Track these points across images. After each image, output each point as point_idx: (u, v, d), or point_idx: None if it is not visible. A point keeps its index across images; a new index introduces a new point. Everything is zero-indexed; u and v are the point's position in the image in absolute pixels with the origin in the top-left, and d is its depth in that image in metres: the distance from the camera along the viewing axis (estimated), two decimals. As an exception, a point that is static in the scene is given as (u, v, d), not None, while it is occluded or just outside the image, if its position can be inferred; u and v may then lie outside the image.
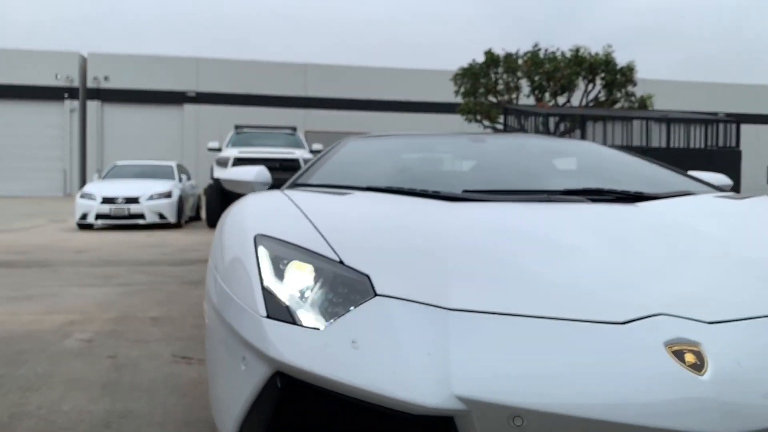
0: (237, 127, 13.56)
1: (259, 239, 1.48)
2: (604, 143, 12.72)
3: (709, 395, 1.05)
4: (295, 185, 2.32)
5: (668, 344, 1.13)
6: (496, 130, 18.09)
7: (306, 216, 1.63)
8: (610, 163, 2.71)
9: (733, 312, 1.23)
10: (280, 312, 1.27)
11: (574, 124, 15.36)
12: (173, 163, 13.13)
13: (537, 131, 13.59)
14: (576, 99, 17.63)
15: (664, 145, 12.69)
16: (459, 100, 17.67)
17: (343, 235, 1.50)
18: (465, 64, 16.91)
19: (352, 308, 1.25)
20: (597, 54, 16.08)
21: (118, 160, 17.33)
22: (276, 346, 1.21)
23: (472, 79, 16.78)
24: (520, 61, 16.41)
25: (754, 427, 1.03)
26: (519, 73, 16.60)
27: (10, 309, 4.03)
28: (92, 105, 27.66)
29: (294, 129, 13.80)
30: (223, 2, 67.29)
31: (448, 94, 18.95)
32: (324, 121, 29.25)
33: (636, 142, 12.82)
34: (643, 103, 16.91)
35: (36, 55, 27.11)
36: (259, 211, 1.74)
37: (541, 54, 16.39)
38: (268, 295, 1.31)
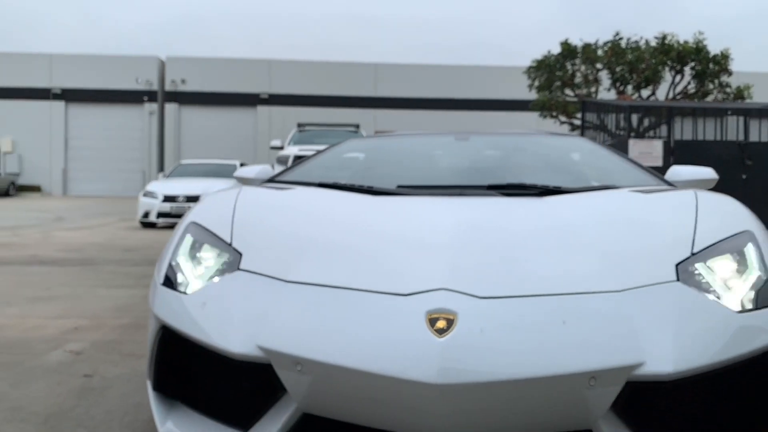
0: (300, 125, 13.30)
1: (189, 226, 1.80)
2: (694, 138, 11.52)
3: (435, 353, 1.25)
4: (271, 180, 2.56)
5: (429, 312, 1.33)
6: (573, 127, 16.97)
7: (234, 208, 1.87)
8: (578, 159, 2.78)
9: (510, 290, 1.40)
10: (172, 282, 1.64)
11: (659, 119, 14.12)
12: (237, 162, 13.01)
13: (618, 128, 12.50)
14: (662, 92, 16.25)
15: (765, 139, 11.35)
16: (533, 95, 16.67)
17: (247, 223, 1.77)
18: (539, 56, 15.90)
19: (216, 279, 1.59)
20: (686, 42, 14.69)
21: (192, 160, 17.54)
22: (160, 307, 1.60)
23: (546, 72, 15.74)
24: (599, 52, 15.23)
25: (463, 380, 1.22)
26: (598, 65, 15.41)
27: (24, 311, 3.74)
28: (170, 107, 28.44)
29: (357, 126, 13.39)
30: (295, 5, 68.33)
31: (521, 90, 18.03)
32: (394, 121, 28.84)
33: (732, 137, 11.54)
34: (740, 95, 15.35)
35: (118, 60, 28.16)
36: (208, 202, 2.00)
37: (623, 43, 15.14)
38: (170, 269, 1.68)
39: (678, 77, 15.41)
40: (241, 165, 13.00)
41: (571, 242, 1.60)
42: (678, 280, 1.48)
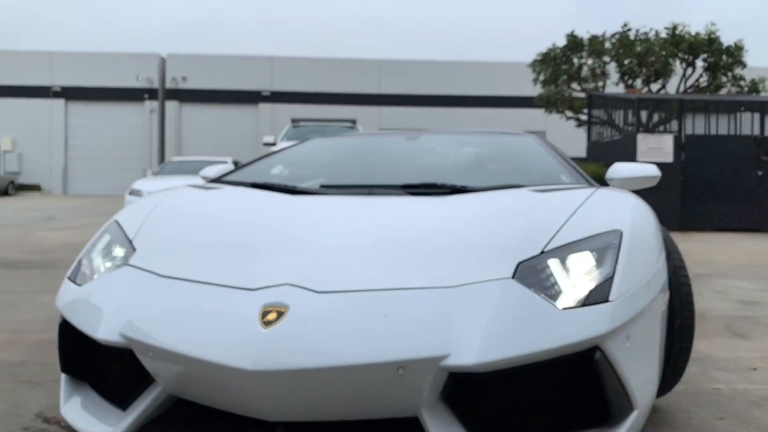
0: (293, 120, 12.82)
1: (111, 224, 1.99)
2: (707, 133, 10.96)
3: (256, 342, 1.39)
4: (217, 179, 2.64)
5: (265, 306, 1.48)
6: (580, 123, 16.39)
7: (153, 209, 2.02)
8: (511, 158, 2.85)
9: (347, 285, 1.53)
10: (75, 275, 1.84)
11: (670, 114, 13.53)
12: (229, 159, 12.56)
13: (626, 123, 11.92)
14: (672, 86, 15.65)
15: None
16: (539, 89, 16.10)
17: (156, 223, 1.92)
18: (544, 49, 15.32)
19: (105, 273, 1.78)
20: (698, 34, 14.08)
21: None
22: (59, 297, 1.83)
23: (552, 66, 15.17)
24: (607, 44, 14.65)
25: (276, 367, 1.35)
26: (606, 58, 14.82)
27: (-59, 323, 3.27)
28: (171, 105, 28.08)
29: (353, 122, 12.90)
30: (298, 4, 67.92)
31: (529, 87, 17.46)
32: (399, 119, 28.35)
33: (746, 131, 10.97)
34: (755, 88, 14.72)
35: (118, 58, 27.82)
36: (136, 203, 2.16)
37: (632, 35, 14.55)
38: (78, 263, 1.88)
39: (689, 70, 14.80)
40: (235, 163, 12.55)
41: (427, 241, 1.70)
42: (513, 277, 1.54)
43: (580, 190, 2.07)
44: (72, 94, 27.83)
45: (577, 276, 1.55)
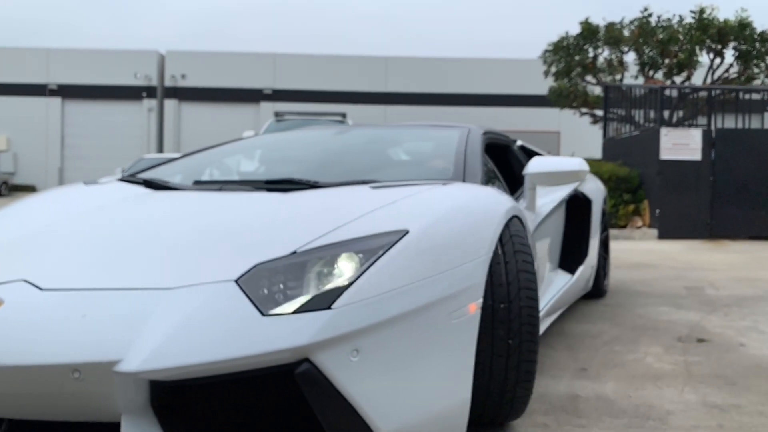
0: (277, 114, 11.68)
1: None
2: (740, 127, 9.63)
3: None
4: (131, 176, 2.58)
5: None
6: (595, 119, 15.07)
7: (23, 200, 2.23)
8: (416, 152, 2.95)
9: (70, 283, 1.50)
10: None
11: (697, 109, 12.15)
12: (206, 157, 11.43)
13: (647, 119, 10.59)
14: (698, 78, 14.27)
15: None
16: (550, 82, 14.78)
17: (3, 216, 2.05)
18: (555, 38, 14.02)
19: None
20: (727, 20, 12.72)
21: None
22: None
23: (564, 56, 13.87)
24: (626, 32, 13.33)
25: None
26: (624, 47, 13.50)
27: None
28: (170, 104, 27.23)
29: (344, 116, 11.74)
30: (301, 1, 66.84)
31: (542, 85, 16.18)
32: (406, 118, 27.19)
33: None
34: (791, 79, 13.33)
35: (116, 55, 27.04)
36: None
37: (653, 21, 13.21)
38: None
39: (717, 60, 13.41)
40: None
41: (184, 239, 1.67)
42: (239, 279, 1.44)
43: (422, 185, 2.00)
44: (69, 92, 27.01)
45: (315, 279, 1.44)
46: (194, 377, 1.32)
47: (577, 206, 3.57)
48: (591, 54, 13.89)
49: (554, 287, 3.07)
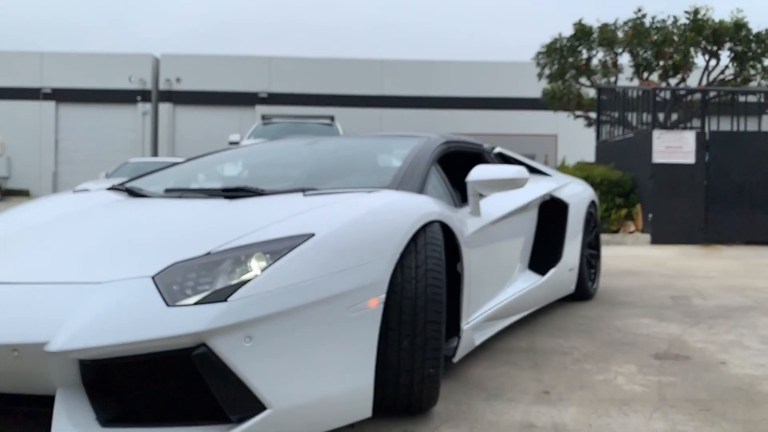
0: (264, 117, 11.50)
1: None
2: (734, 129, 9.42)
3: None
4: (121, 184, 2.93)
5: None
6: (589, 122, 14.84)
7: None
8: (369, 161, 3.12)
9: (27, 278, 1.80)
10: None
11: (691, 111, 11.93)
12: (191, 160, 11.23)
13: (640, 121, 10.38)
14: (693, 80, 14.04)
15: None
16: (544, 84, 14.53)
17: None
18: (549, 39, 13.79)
19: None
20: (722, 20, 12.49)
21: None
22: None
23: (558, 58, 13.63)
24: (619, 33, 13.10)
25: None
26: (618, 48, 13.26)
27: None
28: (164, 107, 27.04)
29: (332, 119, 11.55)
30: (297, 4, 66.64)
31: (539, 87, 15.93)
32: (402, 122, 27.02)
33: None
34: (788, 81, 13.09)
35: (110, 58, 26.90)
36: None
37: (647, 22, 12.97)
38: None
39: (712, 62, 13.18)
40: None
41: (118, 239, 1.99)
42: (155, 276, 1.68)
43: (351, 193, 2.23)
44: (63, 95, 26.78)
45: (222, 276, 1.67)
46: (112, 357, 1.57)
47: (554, 210, 3.75)
48: (585, 56, 13.65)
49: (515, 287, 3.20)
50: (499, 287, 3.04)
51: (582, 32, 13.30)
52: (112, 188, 2.73)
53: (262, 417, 1.58)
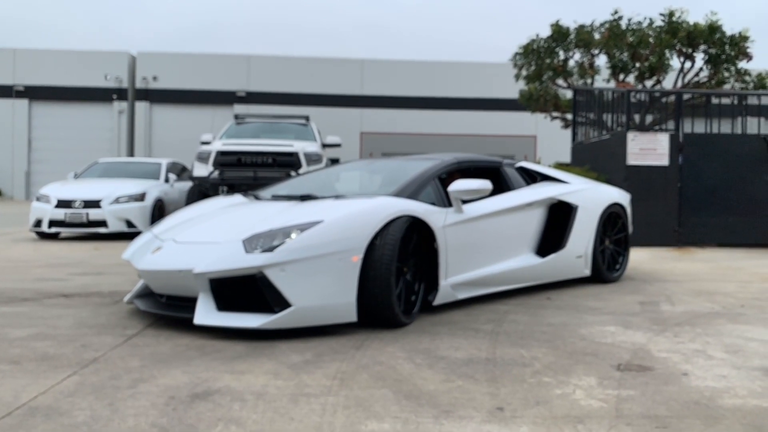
0: (237, 116, 11.29)
1: None
2: (708, 131, 9.45)
3: (151, 255, 3.67)
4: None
5: (157, 246, 3.68)
6: (566, 123, 14.85)
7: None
8: (394, 178, 4.36)
9: (192, 239, 3.63)
10: None
11: (666, 113, 11.96)
12: (163, 161, 10.99)
13: (615, 122, 10.37)
14: (669, 82, 14.10)
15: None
16: (521, 85, 14.51)
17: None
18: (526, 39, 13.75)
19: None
20: (697, 23, 12.56)
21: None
22: None
23: (535, 59, 13.61)
24: (596, 35, 13.10)
25: (158, 267, 3.52)
26: (594, 50, 13.27)
27: None
28: (141, 106, 26.62)
29: (307, 118, 11.37)
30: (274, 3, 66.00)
31: (517, 89, 15.90)
32: (381, 121, 26.90)
33: (753, 131, 9.44)
34: (762, 84, 13.18)
35: (85, 56, 26.41)
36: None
37: (623, 24, 12.99)
38: None
39: (687, 64, 13.24)
40: (171, 164, 11.01)
41: (238, 222, 3.67)
42: (243, 240, 3.30)
43: (364, 197, 3.80)
44: (36, 93, 26.25)
45: (276, 240, 3.24)
46: (223, 277, 3.21)
47: (561, 210, 4.87)
48: (562, 57, 13.64)
49: (509, 264, 4.40)
50: (485, 262, 4.20)
51: (559, 33, 13.30)
52: (245, 194, 4.50)
53: (290, 310, 3.14)
